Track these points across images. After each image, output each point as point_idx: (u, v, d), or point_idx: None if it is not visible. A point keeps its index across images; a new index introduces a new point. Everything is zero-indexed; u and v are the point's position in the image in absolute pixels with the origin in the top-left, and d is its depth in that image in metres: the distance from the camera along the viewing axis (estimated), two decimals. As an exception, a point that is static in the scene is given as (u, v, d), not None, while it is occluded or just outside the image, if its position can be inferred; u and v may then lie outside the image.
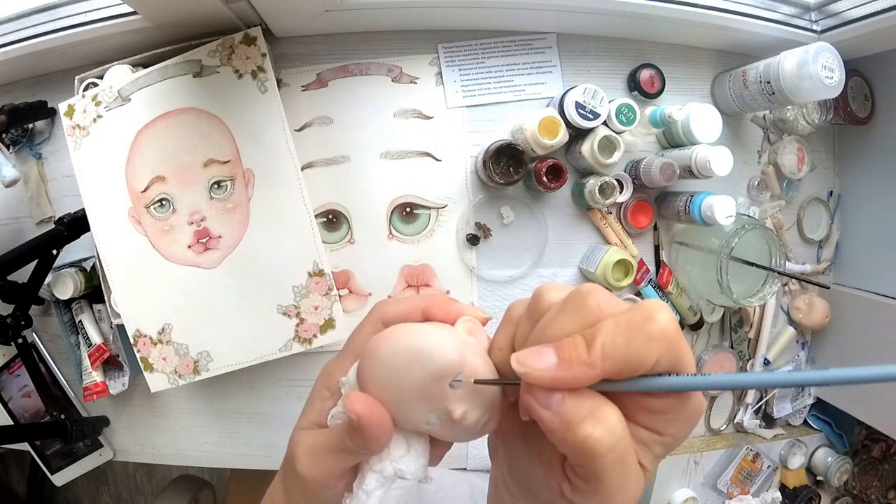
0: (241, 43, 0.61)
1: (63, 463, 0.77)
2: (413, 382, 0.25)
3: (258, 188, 0.63)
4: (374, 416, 0.25)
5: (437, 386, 0.25)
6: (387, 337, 0.26)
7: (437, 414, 0.26)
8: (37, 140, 0.73)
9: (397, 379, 0.25)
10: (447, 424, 0.26)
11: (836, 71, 0.62)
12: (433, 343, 0.25)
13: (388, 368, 0.26)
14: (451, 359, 0.25)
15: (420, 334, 0.26)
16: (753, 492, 0.81)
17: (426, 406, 0.26)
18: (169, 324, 0.64)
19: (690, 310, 0.76)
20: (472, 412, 0.25)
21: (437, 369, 0.25)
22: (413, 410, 0.26)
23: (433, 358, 0.25)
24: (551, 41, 0.72)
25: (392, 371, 0.26)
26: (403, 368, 0.25)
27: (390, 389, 0.26)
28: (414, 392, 0.25)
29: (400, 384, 0.25)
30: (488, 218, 0.73)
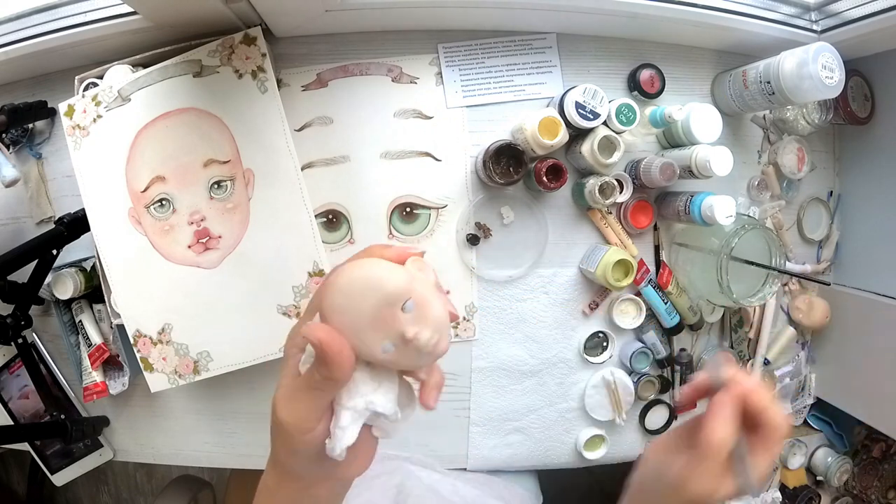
0: (241, 43, 0.61)
1: (63, 463, 0.77)
2: (368, 309, 0.28)
3: (258, 188, 0.63)
4: (334, 341, 0.27)
5: (390, 311, 0.28)
6: (345, 269, 0.29)
7: (392, 340, 0.28)
8: (37, 140, 0.73)
9: (353, 307, 0.28)
10: (402, 349, 0.28)
11: (836, 71, 0.62)
12: (384, 272, 0.28)
13: (344, 297, 0.28)
14: (400, 284, 0.28)
15: (373, 266, 0.29)
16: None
17: (381, 333, 0.28)
18: (169, 324, 0.64)
19: (690, 310, 0.76)
20: (423, 332, 0.28)
21: (388, 295, 0.28)
22: (370, 338, 0.28)
23: (384, 285, 0.28)
24: (551, 41, 0.72)
25: (348, 299, 0.28)
26: (359, 296, 0.28)
27: (347, 316, 0.28)
28: (369, 318, 0.28)
29: (356, 311, 0.28)
30: (488, 218, 0.73)
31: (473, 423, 0.76)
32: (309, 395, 0.29)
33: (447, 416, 0.75)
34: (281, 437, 0.31)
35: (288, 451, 0.31)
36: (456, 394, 0.75)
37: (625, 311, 0.75)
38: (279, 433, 0.30)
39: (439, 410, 0.75)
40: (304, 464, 0.31)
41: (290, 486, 0.33)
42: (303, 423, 0.29)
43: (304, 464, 0.31)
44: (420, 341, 0.28)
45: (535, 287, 0.74)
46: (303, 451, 0.30)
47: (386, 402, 0.30)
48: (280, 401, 0.30)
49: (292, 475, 0.32)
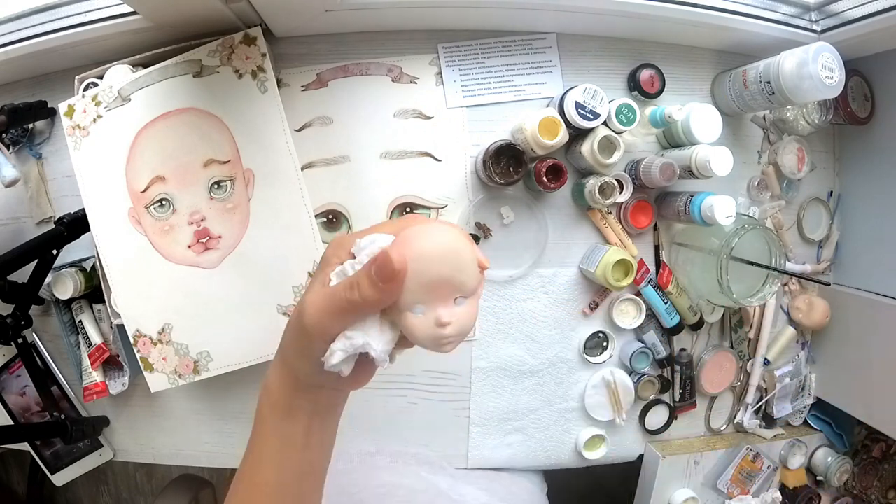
0: (241, 43, 0.61)
1: (63, 463, 0.77)
2: (436, 274, 0.29)
3: (258, 188, 0.63)
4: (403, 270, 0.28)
5: (447, 291, 0.29)
6: (443, 226, 0.30)
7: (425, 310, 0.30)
8: (37, 140, 0.73)
9: (428, 263, 0.29)
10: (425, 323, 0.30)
11: (836, 71, 0.62)
12: (473, 265, 0.30)
13: (429, 250, 0.29)
14: (475, 282, 0.30)
15: (468, 247, 0.30)
16: (753, 492, 0.81)
17: (425, 297, 0.29)
18: (169, 324, 0.64)
19: (690, 310, 0.76)
20: (452, 328, 0.29)
21: (462, 282, 0.29)
22: (415, 294, 0.29)
23: (465, 270, 0.29)
24: (551, 41, 0.72)
25: (430, 254, 0.29)
26: (439, 260, 0.29)
27: (415, 264, 0.29)
28: (429, 280, 0.29)
29: (426, 266, 0.29)
30: (488, 218, 0.73)
31: (473, 423, 0.76)
32: (344, 307, 0.30)
33: (447, 416, 0.75)
34: (300, 338, 0.32)
35: (301, 353, 0.33)
36: (456, 394, 0.75)
37: (625, 311, 0.75)
38: (299, 334, 0.32)
39: (439, 410, 0.76)
40: (310, 367, 0.33)
41: (290, 388, 0.35)
42: (328, 331, 0.31)
43: (310, 367, 0.33)
44: (443, 332, 0.29)
45: (535, 287, 0.74)
46: (316, 356, 0.31)
47: (382, 348, 0.31)
48: (312, 304, 0.31)
49: (296, 377, 0.34)
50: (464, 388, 0.75)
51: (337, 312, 0.30)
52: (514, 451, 0.77)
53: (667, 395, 0.80)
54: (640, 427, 0.79)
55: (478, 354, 0.74)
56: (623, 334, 0.77)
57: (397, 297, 0.29)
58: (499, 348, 0.75)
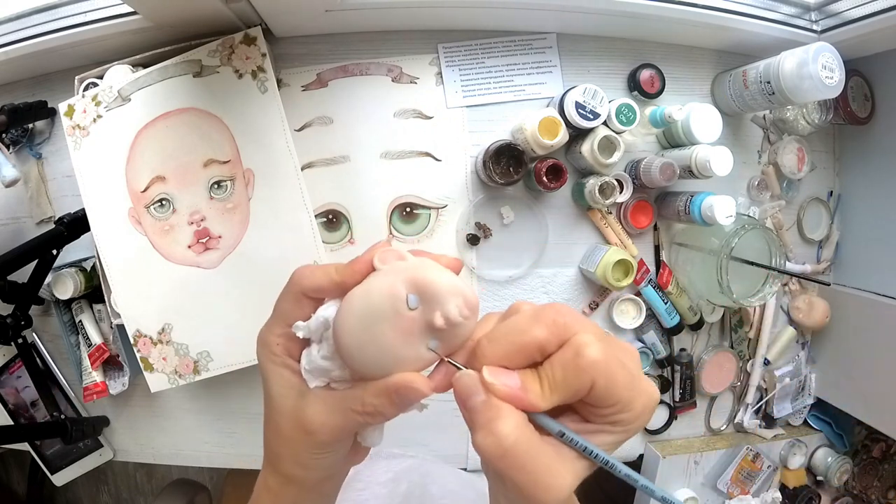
0: (241, 43, 0.61)
1: (63, 463, 0.77)
2: (387, 337, 0.26)
3: (258, 188, 0.63)
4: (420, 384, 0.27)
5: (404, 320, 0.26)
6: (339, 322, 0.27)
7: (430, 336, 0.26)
8: (37, 140, 0.73)
9: (376, 345, 0.26)
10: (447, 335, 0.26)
11: (836, 71, 0.62)
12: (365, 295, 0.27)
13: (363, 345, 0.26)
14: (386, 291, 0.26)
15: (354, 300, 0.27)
16: (753, 492, 0.81)
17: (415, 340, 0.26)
18: (169, 324, 0.64)
19: (690, 310, 0.76)
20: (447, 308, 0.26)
21: (387, 310, 0.26)
22: (413, 353, 0.27)
23: (375, 305, 0.26)
24: (551, 41, 0.72)
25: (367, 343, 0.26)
26: (370, 334, 0.26)
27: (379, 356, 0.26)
28: (397, 340, 0.26)
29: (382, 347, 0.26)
30: (488, 218, 0.73)
31: (473, 423, 0.75)
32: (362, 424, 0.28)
33: (447, 416, 0.75)
34: (295, 455, 0.30)
35: (303, 466, 0.30)
36: (456, 394, 0.75)
37: (625, 312, 0.75)
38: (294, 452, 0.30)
39: (439, 410, 0.75)
40: (318, 472, 0.31)
41: (294, 488, 0.32)
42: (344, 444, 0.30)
43: (318, 472, 0.31)
44: (452, 318, 0.25)
45: (535, 287, 0.74)
46: (319, 463, 0.30)
47: None
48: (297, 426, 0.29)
49: (297, 478, 0.32)
50: (464, 388, 0.75)
51: (353, 429, 0.29)
52: (514, 451, 0.77)
53: (667, 395, 0.80)
54: (640, 427, 0.79)
55: (478, 354, 0.74)
56: (623, 334, 0.77)
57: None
58: (499, 348, 0.74)
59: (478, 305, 0.26)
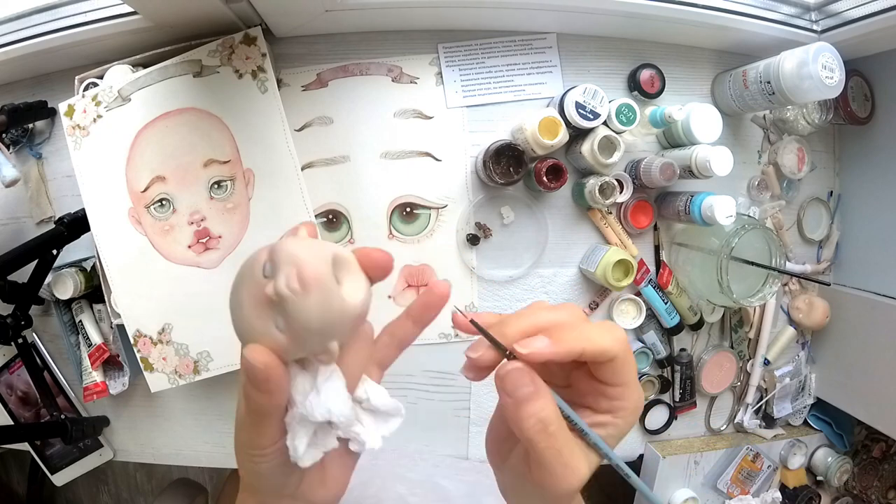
0: (242, 43, 0.61)
1: (63, 463, 0.77)
2: (246, 300, 0.25)
3: (258, 188, 0.63)
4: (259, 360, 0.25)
5: (257, 286, 0.25)
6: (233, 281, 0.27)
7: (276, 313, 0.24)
8: (37, 140, 0.73)
9: (239, 310, 0.26)
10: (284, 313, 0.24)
11: (836, 71, 0.62)
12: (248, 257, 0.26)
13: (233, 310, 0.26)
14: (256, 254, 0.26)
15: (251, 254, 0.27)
16: (753, 492, 0.81)
17: (265, 312, 0.25)
18: (169, 324, 0.64)
19: (690, 310, 0.76)
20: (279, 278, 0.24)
21: (249, 271, 0.25)
22: (263, 327, 0.25)
23: (246, 264, 0.26)
24: (551, 41, 0.72)
25: (235, 309, 0.26)
26: (237, 298, 0.26)
27: (240, 323, 0.26)
28: (251, 308, 0.25)
29: (242, 312, 0.25)
30: (488, 218, 0.73)
31: (473, 423, 0.76)
32: (254, 420, 0.28)
33: (447, 415, 0.75)
34: (238, 455, 0.30)
35: (249, 472, 0.30)
36: (456, 394, 0.75)
37: (625, 312, 0.75)
38: (237, 451, 0.30)
39: (439, 410, 0.76)
40: (269, 484, 0.30)
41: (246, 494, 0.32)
42: (256, 447, 0.28)
43: (269, 484, 0.30)
44: (277, 288, 0.23)
45: (535, 287, 0.74)
46: (263, 471, 0.29)
47: (318, 408, 0.26)
48: (236, 424, 0.29)
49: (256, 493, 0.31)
50: (464, 388, 0.75)
51: (257, 425, 0.28)
52: (514, 451, 0.77)
53: (667, 395, 0.80)
54: (640, 427, 0.79)
55: (478, 354, 0.74)
56: (623, 334, 0.77)
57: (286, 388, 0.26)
58: (499, 348, 0.75)
59: (316, 282, 0.24)
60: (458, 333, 0.73)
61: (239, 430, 0.29)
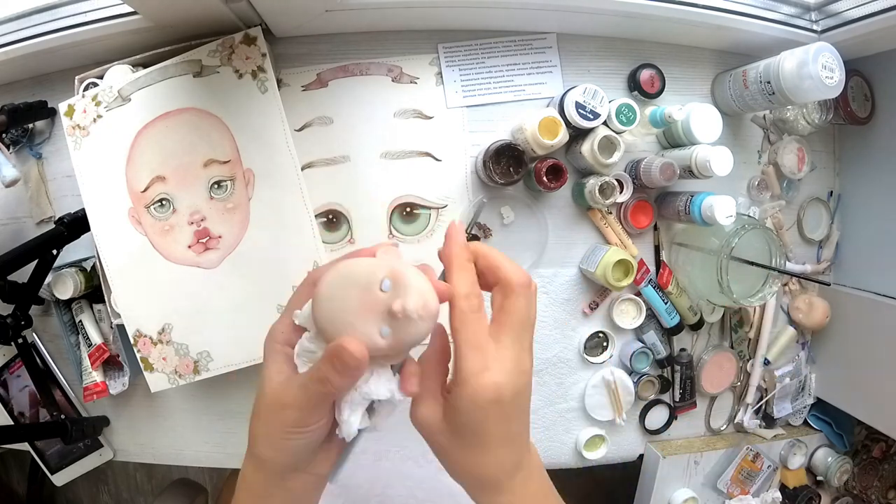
0: (241, 43, 0.61)
1: (63, 463, 0.77)
2: (353, 302, 0.30)
3: (258, 188, 0.63)
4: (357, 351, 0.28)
5: (372, 296, 0.29)
6: (323, 278, 0.31)
7: (386, 323, 0.29)
8: (37, 140, 0.73)
9: (340, 305, 0.30)
10: (397, 326, 0.29)
11: (837, 71, 0.62)
12: (353, 264, 0.31)
13: (329, 299, 0.30)
14: (371, 268, 0.30)
15: (345, 263, 0.31)
16: (753, 492, 0.81)
17: (373, 319, 0.29)
18: (169, 324, 0.64)
19: (690, 310, 0.76)
20: (409, 300, 0.29)
21: (363, 281, 0.30)
22: (366, 329, 0.29)
23: (357, 273, 0.30)
24: (551, 41, 0.72)
25: (333, 300, 0.30)
26: (340, 293, 0.30)
27: (340, 316, 0.30)
28: (357, 310, 0.30)
29: (344, 308, 0.30)
30: (488, 218, 0.73)
31: (473, 423, 0.75)
32: (321, 399, 0.31)
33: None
34: (269, 433, 0.32)
35: (274, 446, 0.33)
36: (456, 394, 0.75)
37: (625, 312, 0.75)
38: (269, 430, 0.32)
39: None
40: (285, 457, 0.33)
41: (264, 478, 0.34)
42: (309, 423, 0.31)
43: (285, 457, 0.33)
44: (408, 309, 0.29)
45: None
46: (295, 447, 0.32)
47: (380, 388, 0.32)
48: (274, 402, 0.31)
49: (268, 466, 0.34)
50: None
51: (315, 406, 0.31)
52: (514, 451, 0.77)
53: (667, 395, 0.80)
54: (640, 427, 0.79)
55: (478, 354, 0.74)
56: (623, 334, 0.77)
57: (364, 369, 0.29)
58: (499, 348, 0.75)
59: (436, 316, 0.30)
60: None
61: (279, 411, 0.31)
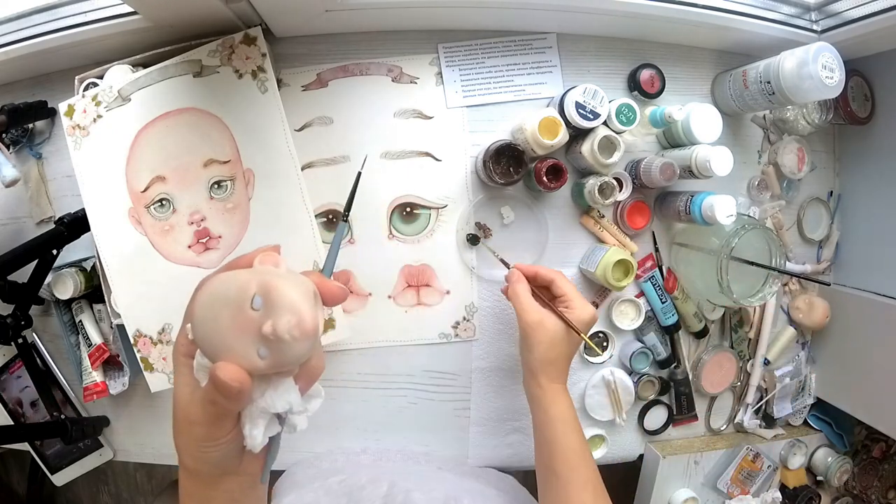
0: (242, 43, 0.61)
1: (63, 463, 0.77)
2: (226, 322, 0.28)
3: (258, 188, 0.63)
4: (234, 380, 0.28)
5: (244, 316, 0.27)
6: (196, 297, 0.29)
7: (262, 343, 0.27)
8: (37, 140, 0.73)
9: (215, 326, 0.28)
10: (274, 347, 0.27)
11: (837, 71, 0.62)
12: (225, 280, 0.29)
13: (206, 323, 0.29)
14: (241, 284, 0.28)
15: (215, 280, 0.29)
16: (753, 492, 0.81)
17: (248, 339, 0.27)
18: (169, 324, 0.64)
19: (696, 316, 0.76)
20: (279, 322, 0.26)
21: (231, 301, 0.28)
22: (243, 350, 0.27)
23: (228, 290, 0.28)
24: (551, 41, 0.72)
25: (209, 322, 0.28)
26: (214, 314, 0.28)
27: (215, 337, 0.28)
28: (232, 330, 0.28)
29: (219, 330, 0.28)
30: (488, 218, 0.73)
31: (473, 423, 0.76)
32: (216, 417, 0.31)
33: (447, 416, 0.75)
34: (187, 446, 0.33)
35: (193, 458, 0.34)
36: (456, 394, 0.75)
37: (624, 312, 0.75)
38: (186, 443, 0.33)
39: (439, 410, 0.76)
40: (208, 467, 0.34)
41: (199, 485, 0.36)
42: (211, 440, 0.32)
43: (208, 467, 0.34)
44: (278, 331, 0.26)
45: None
46: (214, 458, 0.33)
47: (276, 402, 0.30)
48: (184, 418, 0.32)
49: (200, 475, 0.35)
50: (464, 388, 0.75)
51: (218, 421, 0.31)
52: (514, 451, 0.77)
53: (666, 395, 0.80)
54: (640, 427, 0.79)
55: (478, 354, 0.74)
56: (623, 334, 0.77)
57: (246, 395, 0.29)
58: (499, 348, 0.75)
59: (313, 334, 0.28)
60: (458, 334, 0.73)
61: (189, 427, 0.32)
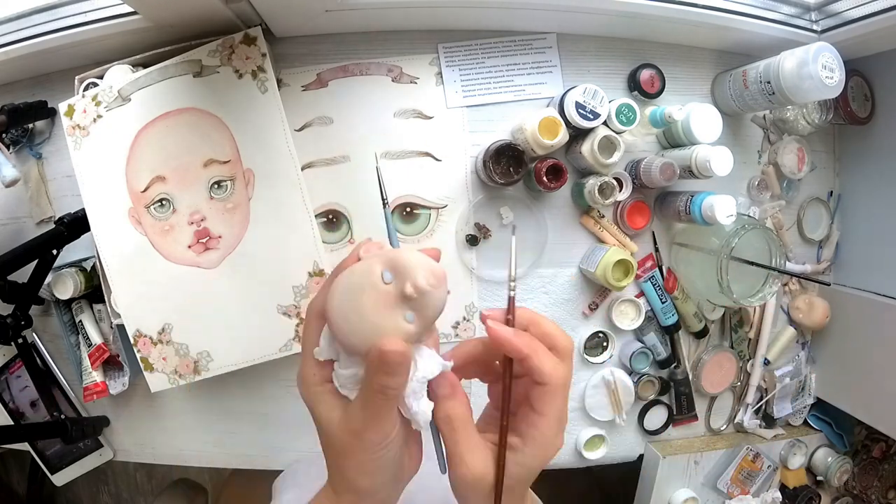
0: (242, 43, 0.61)
1: (63, 463, 0.77)
2: (367, 307, 0.29)
3: (258, 188, 0.63)
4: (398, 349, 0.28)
5: (381, 293, 0.29)
6: (328, 304, 0.30)
7: (406, 308, 0.29)
8: (37, 140, 0.73)
9: (358, 316, 0.29)
10: (418, 305, 0.29)
11: (837, 71, 0.62)
12: (348, 274, 0.31)
13: (348, 318, 0.30)
14: (364, 269, 0.30)
15: (338, 282, 0.31)
16: (753, 492, 0.81)
17: (391, 311, 0.29)
18: (169, 324, 0.64)
19: (696, 316, 0.76)
20: (417, 278, 0.29)
21: (365, 284, 0.29)
22: (392, 322, 0.29)
23: (355, 280, 0.30)
24: (551, 41, 0.72)
25: (351, 315, 0.30)
26: (352, 306, 0.30)
27: (362, 326, 0.29)
28: (375, 310, 0.29)
29: (363, 317, 0.29)
30: (488, 218, 0.73)
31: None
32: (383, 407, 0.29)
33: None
34: (361, 465, 0.31)
35: (370, 474, 0.31)
36: (456, 394, 0.75)
37: (624, 313, 0.75)
38: (359, 463, 0.31)
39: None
40: (387, 476, 0.32)
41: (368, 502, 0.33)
42: (384, 436, 0.30)
43: (387, 476, 0.32)
44: (420, 285, 0.29)
45: (535, 287, 0.74)
46: (386, 462, 0.31)
47: (430, 366, 0.31)
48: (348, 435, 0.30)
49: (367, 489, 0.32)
50: (464, 388, 0.75)
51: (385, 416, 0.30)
52: (514, 451, 0.77)
53: (666, 395, 0.80)
54: (640, 427, 0.79)
55: (478, 354, 0.74)
56: (623, 334, 0.77)
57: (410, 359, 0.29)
58: (499, 348, 0.75)
59: (444, 276, 0.30)
60: (458, 334, 0.73)
61: (357, 441, 0.30)
